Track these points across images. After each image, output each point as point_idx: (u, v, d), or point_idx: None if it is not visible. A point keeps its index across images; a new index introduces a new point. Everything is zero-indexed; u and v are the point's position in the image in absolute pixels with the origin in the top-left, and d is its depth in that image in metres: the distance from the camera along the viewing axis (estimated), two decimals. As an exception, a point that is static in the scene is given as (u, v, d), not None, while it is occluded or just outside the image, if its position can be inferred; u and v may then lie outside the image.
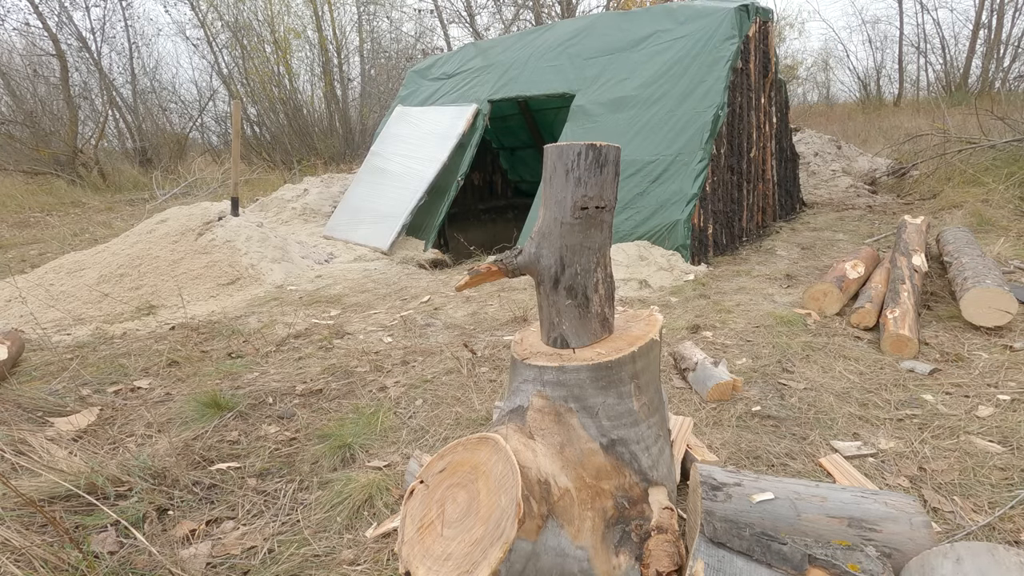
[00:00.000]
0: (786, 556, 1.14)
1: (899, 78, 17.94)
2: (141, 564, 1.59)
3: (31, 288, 4.61)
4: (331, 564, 1.60)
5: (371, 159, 6.61)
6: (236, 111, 5.85)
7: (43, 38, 13.62)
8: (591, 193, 1.27)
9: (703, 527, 1.27)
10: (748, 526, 1.28)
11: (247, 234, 5.21)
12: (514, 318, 3.55)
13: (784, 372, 2.64)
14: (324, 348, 3.28)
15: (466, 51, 7.02)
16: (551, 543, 1.05)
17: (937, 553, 1.16)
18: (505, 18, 17.13)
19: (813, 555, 1.13)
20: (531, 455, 1.11)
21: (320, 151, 13.65)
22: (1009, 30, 14.90)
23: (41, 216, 8.92)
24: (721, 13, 5.01)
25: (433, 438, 2.24)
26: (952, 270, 3.48)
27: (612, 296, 1.42)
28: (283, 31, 14.46)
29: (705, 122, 4.64)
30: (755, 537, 1.19)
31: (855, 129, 11.69)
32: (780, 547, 1.16)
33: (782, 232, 5.72)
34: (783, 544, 1.16)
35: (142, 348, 3.40)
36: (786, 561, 1.13)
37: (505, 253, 1.40)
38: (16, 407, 2.54)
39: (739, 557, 1.17)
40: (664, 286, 4.07)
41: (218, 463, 2.11)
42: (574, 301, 1.35)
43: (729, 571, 1.13)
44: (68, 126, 12.70)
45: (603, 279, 1.38)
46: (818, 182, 8.03)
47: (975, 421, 2.12)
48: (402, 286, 4.60)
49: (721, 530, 1.23)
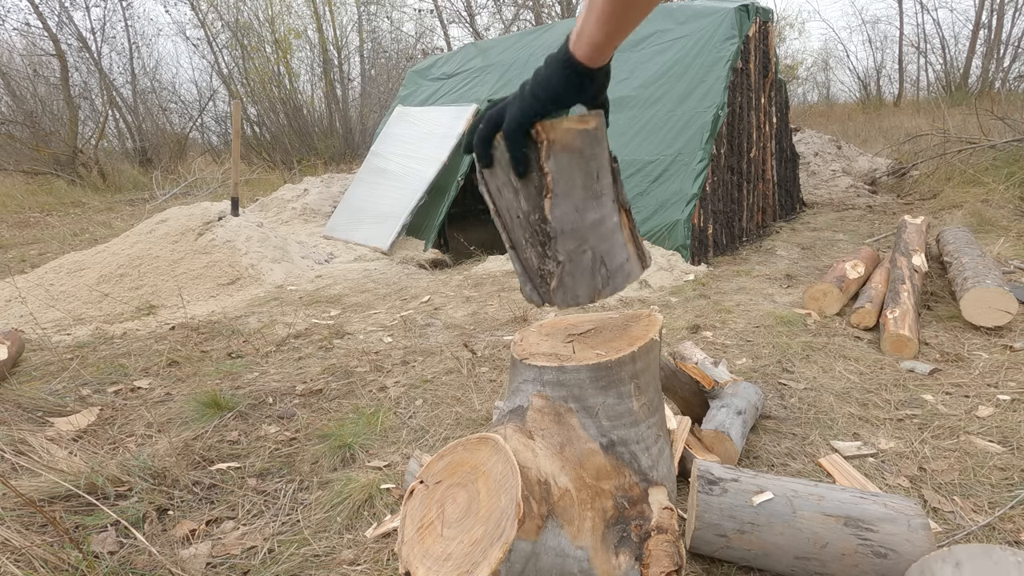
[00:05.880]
0: None
1: (899, 78, 17.97)
2: (141, 564, 1.59)
3: (31, 288, 4.61)
4: (331, 564, 1.60)
5: (371, 159, 6.62)
6: (236, 111, 5.85)
7: (43, 38, 13.63)
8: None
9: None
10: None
11: (247, 234, 5.21)
12: (514, 318, 3.55)
13: (784, 372, 2.64)
14: (324, 348, 3.28)
15: (466, 51, 7.02)
16: (551, 543, 1.05)
17: (936, 558, 1.17)
18: (505, 18, 17.15)
19: None
20: (531, 455, 1.11)
21: (320, 151, 13.65)
22: (1009, 30, 14.92)
23: (41, 216, 8.92)
24: (721, 13, 5.01)
25: (433, 438, 2.24)
26: (952, 270, 3.48)
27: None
28: (283, 31, 14.47)
29: (705, 122, 4.64)
30: None
31: (855, 129, 11.70)
32: None
33: (782, 232, 5.72)
34: None
35: (142, 348, 3.40)
36: None
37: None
38: (16, 407, 2.54)
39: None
40: (664, 286, 4.07)
41: (218, 463, 2.11)
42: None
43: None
44: (68, 126, 12.71)
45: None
46: (818, 182, 8.03)
47: (975, 421, 2.12)
48: (402, 286, 4.60)
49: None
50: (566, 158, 0.98)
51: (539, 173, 0.98)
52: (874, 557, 1.33)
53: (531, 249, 1.07)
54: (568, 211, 1.01)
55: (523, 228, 1.05)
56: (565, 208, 1.01)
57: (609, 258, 1.09)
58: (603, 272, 1.08)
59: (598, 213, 1.05)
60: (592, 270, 1.07)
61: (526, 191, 1.01)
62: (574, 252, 1.05)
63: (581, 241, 1.05)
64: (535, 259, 1.07)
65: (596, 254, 1.07)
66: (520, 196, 1.01)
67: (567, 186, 1.00)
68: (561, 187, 0.99)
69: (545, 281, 1.09)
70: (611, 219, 1.08)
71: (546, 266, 1.07)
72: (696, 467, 1.55)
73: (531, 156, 0.97)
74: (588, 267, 1.07)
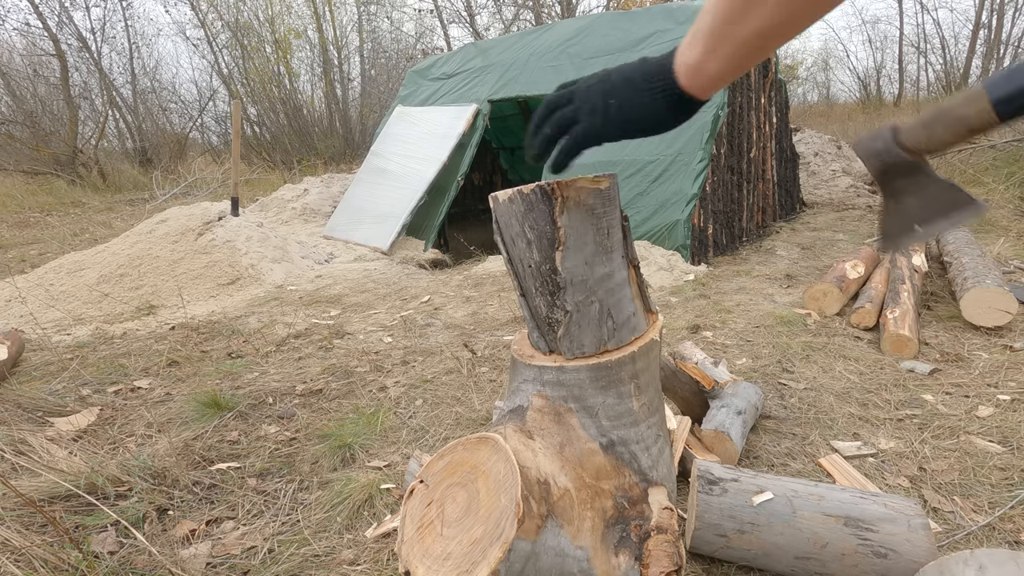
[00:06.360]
0: None
1: (899, 78, 17.96)
2: (141, 564, 1.59)
3: (31, 288, 4.61)
4: (331, 564, 1.60)
5: (371, 159, 6.61)
6: (236, 111, 5.85)
7: (43, 38, 13.63)
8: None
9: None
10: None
11: (247, 234, 5.21)
12: (514, 318, 3.55)
13: (784, 372, 2.64)
14: (324, 348, 3.28)
15: (466, 51, 7.02)
16: (550, 543, 1.05)
17: (958, 560, 1.12)
18: (505, 18, 17.15)
19: None
20: (531, 455, 1.11)
21: (320, 151, 13.66)
22: (1009, 30, 14.90)
23: (41, 216, 8.92)
24: (721, 13, 5.00)
25: (433, 438, 2.24)
26: (952, 270, 3.48)
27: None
28: (283, 31, 14.47)
29: (705, 122, 4.64)
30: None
31: (855, 129, 11.69)
32: None
33: (782, 232, 5.72)
34: None
35: (142, 348, 3.40)
36: None
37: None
38: (16, 407, 2.54)
39: None
40: (664, 286, 4.07)
41: (218, 463, 2.11)
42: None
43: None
44: (68, 126, 12.71)
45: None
46: (818, 182, 8.03)
47: (975, 421, 2.12)
48: (402, 286, 4.60)
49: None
50: (579, 214, 1.04)
51: (552, 227, 1.03)
52: (874, 557, 1.33)
53: (540, 298, 1.12)
54: (578, 264, 1.07)
55: (534, 277, 1.10)
56: (575, 261, 1.06)
57: (616, 311, 1.14)
58: (609, 324, 1.14)
59: (607, 267, 1.10)
60: (599, 321, 1.13)
61: (539, 243, 1.06)
62: (582, 303, 1.10)
63: (589, 293, 1.10)
64: (544, 307, 1.12)
65: (604, 306, 1.12)
66: (533, 247, 1.07)
67: (579, 240, 1.05)
68: (573, 241, 1.05)
69: (552, 329, 1.14)
70: (620, 274, 1.13)
71: (554, 314, 1.12)
72: (696, 467, 1.55)
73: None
74: (595, 318, 1.12)
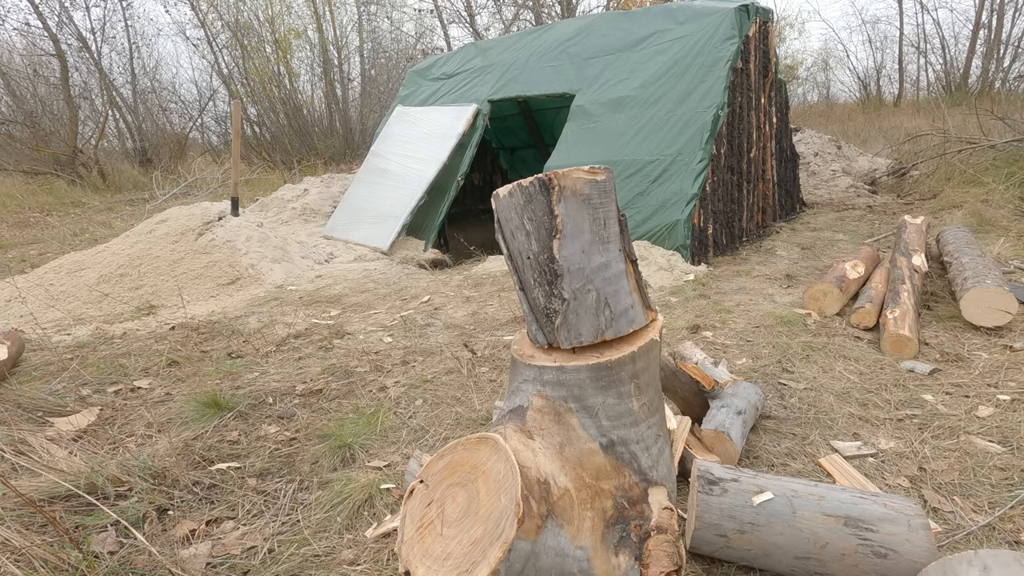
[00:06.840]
0: None
1: (899, 78, 17.94)
2: (141, 564, 1.59)
3: (31, 288, 4.61)
4: (331, 564, 1.60)
5: (371, 159, 6.61)
6: (236, 111, 5.85)
7: (43, 38, 13.62)
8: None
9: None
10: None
11: (247, 234, 5.21)
12: (514, 318, 3.55)
13: (784, 372, 2.64)
14: (324, 348, 3.28)
15: (466, 51, 7.02)
16: (550, 543, 1.05)
17: (961, 560, 1.12)
18: (505, 18, 17.14)
19: None
20: (531, 455, 1.11)
21: (320, 151, 13.65)
22: (1009, 30, 14.90)
23: (41, 216, 8.92)
24: (721, 13, 5.01)
25: (433, 438, 2.24)
26: (952, 270, 3.48)
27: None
28: (283, 31, 14.46)
29: (705, 122, 4.64)
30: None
31: (855, 129, 11.69)
32: None
33: (782, 232, 5.72)
34: None
35: (142, 348, 3.40)
36: None
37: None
38: (16, 407, 2.54)
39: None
40: (664, 286, 4.07)
41: (218, 463, 2.11)
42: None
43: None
44: (68, 126, 12.70)
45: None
46: (818, 182, 8.03)
47: (975, 421, 2.12)
48: (402, 286, 4.60)
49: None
50: (576, 203, 1.07)
51: (550, 216, 1.06)
52: (874, 557, 1.33)
53: (539, 288, 1.14)
54: (575, 252, 1.09)
55: (532, 269, 1.13)
56: (572, 249, 1.09)
57: (613, 301, 1.15)
58: (607, 313, 1.16)
59: (604, 257, 1.13)
60: (596, 310, 1.14)
61: (537, 233, 1.09)
62: (579, 291, 1.12)
63: (586, 281, 1.12)
64: (542, 298, 1.14)
65: (601, 295, 1.14)
66: (531, 238, 1.10)
67: (575, 229, 1.08)
68: (570, 229, 1.08)
69: (550, 320, 1.16)
70: (617, 265, 1.15)
71: (552, 304, 1.14)
72: (696, 467, 1.55)
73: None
74: (592, 307, 1.14)
